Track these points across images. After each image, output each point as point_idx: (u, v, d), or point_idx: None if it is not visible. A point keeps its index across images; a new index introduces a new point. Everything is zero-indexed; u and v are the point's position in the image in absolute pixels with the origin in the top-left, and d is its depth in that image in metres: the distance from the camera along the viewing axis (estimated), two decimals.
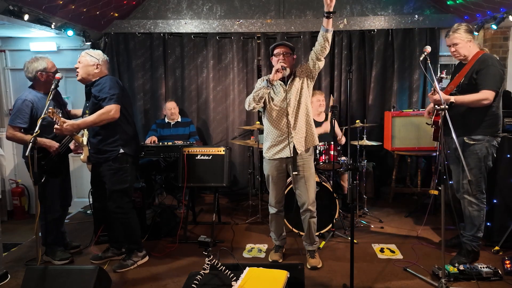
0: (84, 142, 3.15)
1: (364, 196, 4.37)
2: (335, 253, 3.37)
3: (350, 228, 2.90)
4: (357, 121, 4.19)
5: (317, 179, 3.48)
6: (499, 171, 3.26)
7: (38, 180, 2.57)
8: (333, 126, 3.93)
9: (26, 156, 3.12)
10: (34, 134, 2.53)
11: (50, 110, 2.70)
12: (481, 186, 2.97)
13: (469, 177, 2.55)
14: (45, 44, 5.00)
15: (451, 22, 4.69)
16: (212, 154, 3.71)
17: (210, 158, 3.70)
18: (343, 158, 3.95)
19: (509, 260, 2.89)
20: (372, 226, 3.98)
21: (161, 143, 4.31)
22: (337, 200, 3.64)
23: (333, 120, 3.87)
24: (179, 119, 4.86)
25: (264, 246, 3.53)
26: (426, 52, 2.70)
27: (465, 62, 2.99)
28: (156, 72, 5.23)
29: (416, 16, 4.93)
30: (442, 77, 2.85)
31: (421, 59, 2.76)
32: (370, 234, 3.78)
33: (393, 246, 3.45)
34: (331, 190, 3.61)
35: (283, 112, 2.93)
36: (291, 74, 2.96)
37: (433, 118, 3.15)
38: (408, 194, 4.96)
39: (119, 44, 5.16)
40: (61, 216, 3.35)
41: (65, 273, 2.47)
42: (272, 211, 3.20)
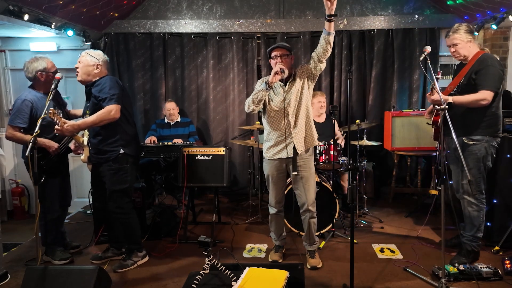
0: (85, 142, 3.15)
1: (364, 196, 4.37)
2: (335, 253, 3.37)
3: (350, 228, 2.90)
4: (357, 121, 4.19)
5: (317, 179, 3.48)
6: (499, 171, 3.26)
7: (37, 180, 2.57)
8: (333, 126, 3.93)
9: (25, 156, 3.12)
10: (34, 134, 2.52)
11: (51, 111, 2.70)
12: (481, 187, 2.97)
13: (469, 177, 2.55)
14: (45, 44, 5.00)
15: (451, 22, 4.69)
16: (212, 154, 3.71)
17: (210, 158, 3.70)
18: (343, 158, 3.95)
19: (509, 260, 2.89)
20: (373, 226, 3.98)
21: (161, 143, 4.32)
22: (337, 200, 3.64)
23: (333, 120, 3.88)
24: (179, 119, 4.86)
25: (264, 246, 3.53)
26: (426, 52, 2.70)
27: (465, 62, 2.99)
28: (156, 72, 5.23)
29: (416, 16, 4.93)
30: (437, 77, 2.85)
31: (421, 59, 2.76)
32: (370, 234, 3.78)
33: (393, 246, 3.46)
34: (331, 190, 3.61)
35: (283, 113, 2.93)
36: (291, 74, 2.96)
37: (433, 118, 3.15)
38: (408, 194, 4.96)
39: (119, 44, 5.16)
40: (60, 216, 3.35)
41: (65, 273, 2.47)
42: (272, 211, 3.21)
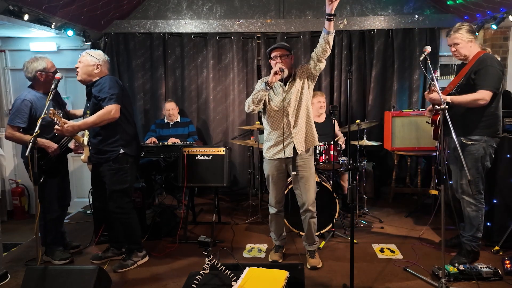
0: (85, 142, 3.15)
1: (364, 196, 4.37)
2: (335, 253, 3.37)
3: (350, 228, 2.90)
4: (357, 121, 4.19)
5: (317, 179, 3.48)
6: (499, 171, 3.25)
7: (37, 180, 2.57)
8: (333, 126, 3.93)
9: (25, 156, 3.13)
10: (34, 134, 2.52)
11: (51, 111, 2.69)
12: (479, 187, 2.97)
13: (469, 177, 2.54)
14: (45, 44, 5.00)
15: (451, 22, 4.70)
16: (212, 154, 3.71)
17: (210, 158, 3.70)
18: (343, 158, 3.95)
19: (509, 260, 2.89)
20: (373, 226, 3.98)
21: (160, 143, 4.31)
22: (337, 200, 3.64)
23: (333, 120, 3.87)
24: (178, 119, 4.85)
25: (264, 246, 3.53)
26: (426, 52, 2.70)
27: (466, 62, 2.99)
28: (156, 72, 5.23)
29: (416, 16, 4.93)
30: (434, 77, 2.85)
31: (421, 59, 2.76)
32: (370, 234, 3.78)
33: (393, 246, 3.45)
34: (331, 190, 3.61)
35: (283, 113, 2.93)
36: (290, 74, 2.96)
37: (432, 117, 3.15)
38: (408, 194, 4.96)
39: (119, 44, 5.16)
40: (59, 216, 3.35)
41: (65, 273, 2.47)
42: (272, 211, 3.21)
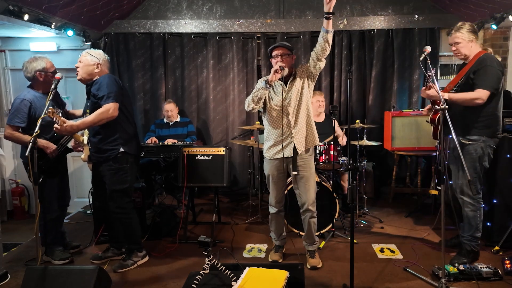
0: (85, 141, 3.15)
1: (364, 196, 4.37)
2: (335, 253, 3.37)
3: (350, 228, 2.90)
4: (357, 121, 4.19)
5: (317, 179, 3.48)
6: (499, 171, 3.25)
7: (37, 180, 2.57)
8: (333, 126, 3.93)
9: (24, 156, 3.13)
10: (34, 134, 2.51)
11: (50, 110, 2.69)
12: (477, 186, 2.97)
13: (469, 177, 2.54)
14: (45, 44, 4.99)
15: (451, 22, 4.69)
16: (212, 154, 3.71)
17: (210, 158, 3.70)
18: (343, 158, 3.94)
19: (509, 260, 2.88)
20: (373, 226, 3.98)
21: (160, 143, 4.31)
22: (337, 200, 3.64)
23: (333, 120, 3.87)
24: (178, 120, 4.85)
25: (264, 246, 3.53)
26: (426, 52, 2.70)
27: (467, 62, 2.99)
28: (156, 72, 5.23)
29: (416, 16, 4.92)
30: (430, 75, 2.86)
31: (421, 59, 2.77)
32: (370, 234, 3.78)
33: (393, 246, 3.45)
34: (331, 190, 3.61)
35: (283, 112, 2.93)
36: (291, 74, 2.96)
37: (431, 116, 3.15)
38: (408, 194, 4.95)
39: (119, 44, 5.16)
40: (59, 216, 3.34)
41: (65, 273, 2.47)
42: (272, 211, 3.21)
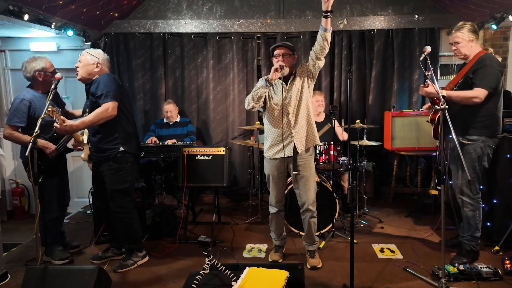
0: (85, 141, 3.15)
1: (364, 196, 4.37)
2: (335, 253, 3.37)
3: (350, 228, 2.90)
4: (357, 121, 4.19)
5: (317, 179, 3.48)
6: (499, 171, 3.25)
7: (37, 180, 2.57)
8: (333, 126, 3.93)
9: (24, 156, 3.13)
10: (34, 134, 2.51)
11: (50, 109, 2.67)
12: (476, 187, 2.97)
13: (469, 177, 2.54)
14: (45, 44, 4.99)
15: (451, 22, 4.69)
16: (212, 154, 3.71)
17: (210, 158, 3.70)
18: (343, 158, 3.95)
19: (509, 260, 2.88)
20: (373, 226, 3.98)
21: (160, 143, 4.32)
22: (337, 200, 3.64)
23: (333, 120, 3.88)
24: (178, 120, 4.85)
25: (264, 246, 3.53)
26: (426, 52, 2.70)
27: (467, 61, 2.99)
28: (156, 72, 5.23)
29: (416, 16, 4.92)
30: (427, 74, 2.86)
31: (421, 59, 2.76)
32: (370, 234, 3.78)
33: (393, 246, 3.45)
34: (331, 190, 3.61)
35: (283, 111, 2.93)
36: (291, 73, 2.96)
37: (431, 116, 3.15)
38: (408, 194, 4.95)
39: (119, 44, 5.16)
40: (59, 216, 3.34)
41: (65, 273, 2.47)
42: (272, 211, 3.20)
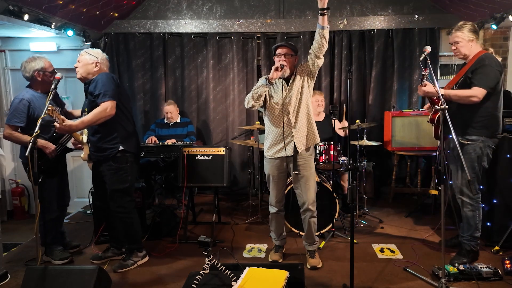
0: (84, 140, 3.15)
1: (364, 196, 4.37)
2: (335, 253, 3.37)
3: (350, 228, 2.90)
4: (357, 121, 4.19)
5: (317, 179, 3.48)
6: (499, 171, 3.25)
7: (37, 180, 2.56)
8: (332, 127, 3.93)
9: (23, 156, 3.13)
10: (34, 134, 2.50)
11: (49, 108, 2.67)
12: (476, 187, 2.97)
13: (469, 177, 2.54)
14: (45, 44, 4.99)
15: (451, 22, 4.69)
16: (212, 154, 3.71)
17: (210, 158, 3.70)
18: (343, 158, 3.95)
19: (509, 260, 2.88)
20: (373, 226, 3.98)
21: (160, 143, 4.31)
22: (337, 200, 3.64)
23: (333, 120, 3.87)
24: (178, 120, 4.85)
25: (264, 246, 3.53)
26: (426, 52, 2.71)
27: (467, 61, 2.99)
28: (156, 72, 5.23)
29: (416, 16, 4.92)
30: (423, 74, 2.87)
31: (421, 59, 2.77)
32: (370, 234, 3.78)
33: (393, 246, 3.45)
34: (331, 190, 3.61)
35: (283, 111, 2.93)
36: (292, 74, 2.96)
37: (431, 116, 3.15)
38: (408, 194, 4.96)
39: (119, 44, 5.16)
40: (59, 216, 3.34)
41: (65, 273, 2.47)
42: (272, 210, 3.20)
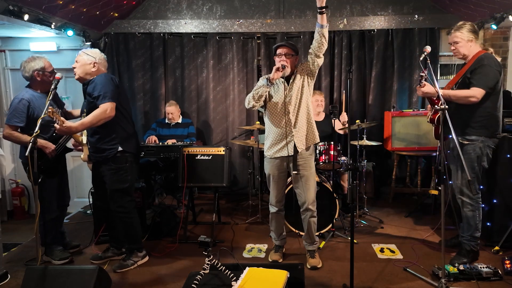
0: (84, 141, 3.15)
1: (364, 196, 4.37)
2: (335, 253, 3.37)
3: (350, 228, 2.90)
4: (357, 121, 4.19)
5: (317, 179, 3.48)
6: (499, 171, 3.25)
7: (37, 180, 2.57)
8: (332, 126, 3.93)
9: (23, 156, 3.13)
10: (34, 134, 2.50)
11: (50, 110, 2.67)
12: (476, 187, 2.97)
13: (469, 177, 2.54)
14: (45, 44, 4.99)
15: (451, 22, 4.68)
16: (212, 154, 3.71)
17: (210, 158, 3.70)
18: (343, 158, 3.95)
19: (509, 260, 2.88)
20: (373, 226, 3.98)
21: (160, 143, 4.32)
22: (337, 200, 3.64)
23: (333, 120, 3.87)
24: (180, 121, 4.85)
25: (264, 246, 3.53)
26: (426, 52, 2.71)
27: (466, 61, 2.99)
28: (156, 72, 5.23)
29: (416, 16, 4.92)
30: (422, 75, 2.87)
31: (421, 59, 2.77)
32: (370, 234, 3.78)
33: (393, 246, 3.45)
34: (331, 190, 3.61)
35: (283, 111, 2.94)
36: (292, 73, 2.96)
37: (431, 116, 3.15)
38: (408, 194, 4.95)
39: (119, 44, 5.16)
40: (59, 216, 3.34)
41: (65, 273, 2.47)
42: (272, 210, 3.20)
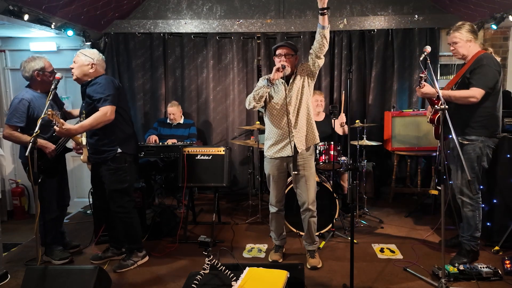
0: (84, 142, 3.15)
1: (364, 196, 4.37)
2: (335, 253, 3.37)
3: (350, 228, 2.90)
4: (357, 121, 4.19)
5: (317, 179, 3.48)
6: (499, 171, 3.25)
7: (37, 180, 2.57)
8: (332, 127, 3.93)
9: (23, 156, 3.13)
10: (34, 134, 2.50)
11: (49, 112, 2.66)
12: (476, 187, 2.97)
13: (469, 177, 2.54)
14: (45, 44, 5.00)
15: (451, 22, 4.67)
16: (212, 154, 3.71)
17: (210, 158, 3.70)
18: (343, 158, 3.95)
19: (509, 260, 2.89)
20: (373, 226, 3.98)
21: (161, 143, 4.32)
22: (337, 200, 3.64)
23: (332, 120, 3.87)
24: (181, 121, 4.85)
25: (264, 246, 3.53)
26: (426, 52, 2.71)
27: (465, 62, 2.99)
28: (156, 72, 5.23)
29: (416, 16, 4.92)
30: (421, 76, 2.87)
31: (421, 59, 2.78)
32: (370, 234, 3.78)
33: (393, 246, 3.45)
34: (331, 190, 3.61)
35: (284, 111, 2.94)
36: (293, 72, 2.96)
37: (431, 116, 3.15)
38: (408, 194, 4.96)
39: (119, 44, 5.16)
40: (59, 216, 3.34)
41: (65, 273, 2.48)
42: (272, 210, 3.20)
